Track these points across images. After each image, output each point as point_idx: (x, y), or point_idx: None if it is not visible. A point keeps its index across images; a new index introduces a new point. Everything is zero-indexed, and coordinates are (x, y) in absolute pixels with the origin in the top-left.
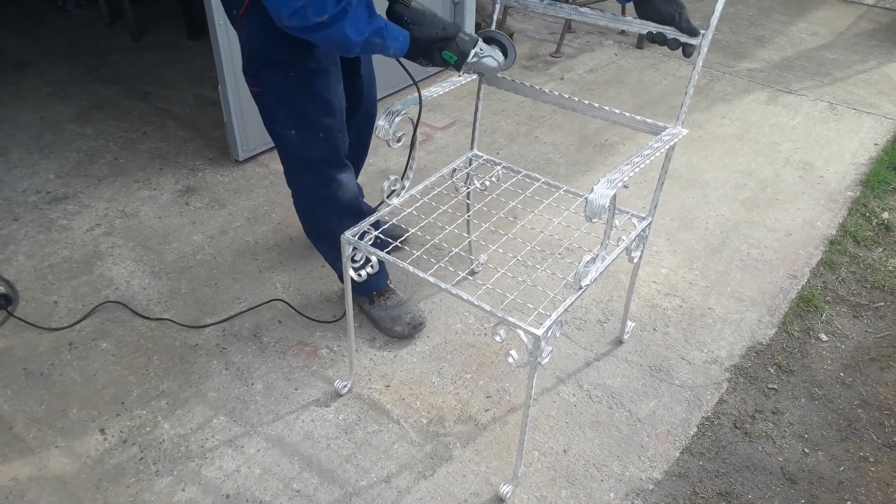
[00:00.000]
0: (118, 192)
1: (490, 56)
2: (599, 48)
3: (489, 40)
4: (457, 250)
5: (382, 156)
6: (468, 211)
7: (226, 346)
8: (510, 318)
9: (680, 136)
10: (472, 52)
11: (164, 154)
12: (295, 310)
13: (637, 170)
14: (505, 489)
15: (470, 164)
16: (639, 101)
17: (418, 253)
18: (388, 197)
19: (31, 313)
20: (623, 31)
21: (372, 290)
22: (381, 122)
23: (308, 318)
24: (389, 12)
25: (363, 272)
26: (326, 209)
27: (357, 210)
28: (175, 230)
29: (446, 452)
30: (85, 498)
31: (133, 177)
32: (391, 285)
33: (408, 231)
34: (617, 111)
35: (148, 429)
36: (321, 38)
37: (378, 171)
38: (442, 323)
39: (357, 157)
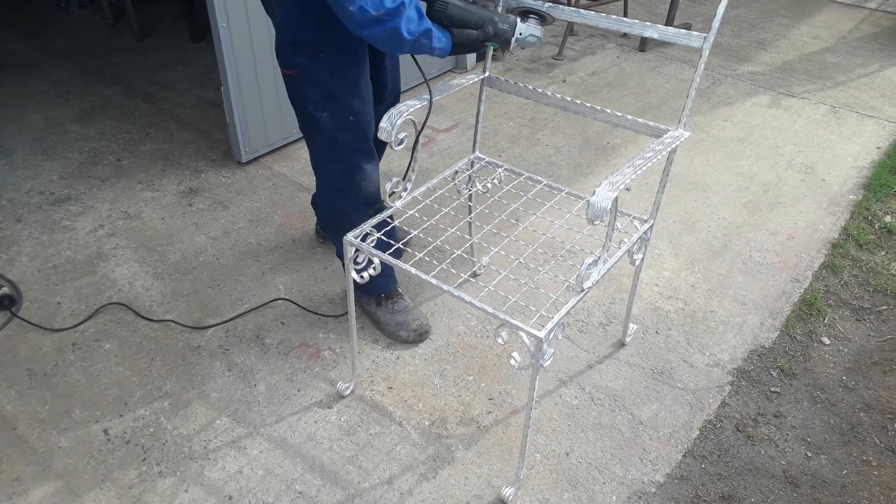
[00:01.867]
0: (121, 193)
1: (531, 34)
2: (601, 51)
3: (524, 14)
4: (459, 252)
5: (385, 157)
6: (470, 213)
7: (228, 348)
8: (512, 321)
9: (682, 139)
10: (513, 38)
11: (167, 155)
12: (298, 306)
13: (639, 172)
14: (507, 491)
15: (472, 167)
16: (641, 104)
17: (420, 255)
18: (389, 198)
19: (34, 314)
20: (625, 34)
21: (380, 293)
22: (383, 123)
23: (312, 312)
24: (429, 12)
25: (365, 274)
26: (347, 198)
27: (377, 202)
28: (178, 231)
29: (448, 454)
30: (88, 498)
31: (136, 178)
32: (400, 290)
33: (410, 234)
34: (619, 114)
35: (151, 430)
36: (376, 33)
37: (381, 173)
38: (444, 325)
39: (378, 150)
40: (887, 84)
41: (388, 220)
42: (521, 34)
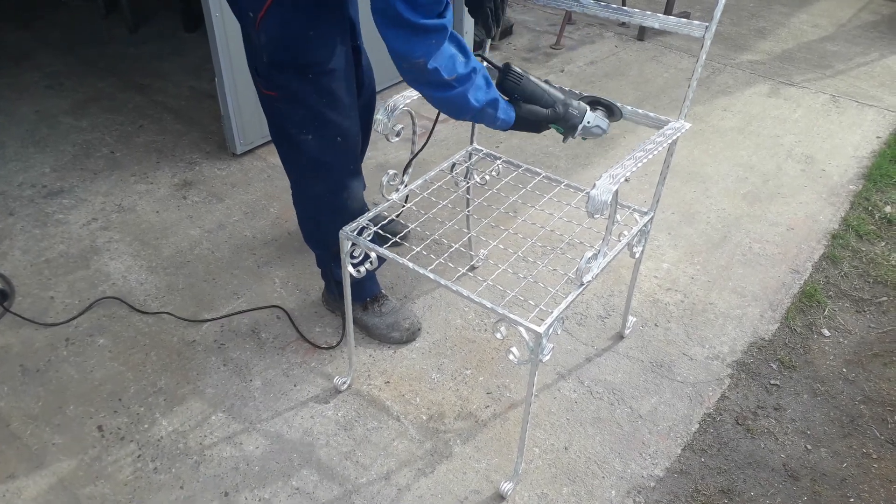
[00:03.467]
0: (115, 185)
1: (597, 125)
2: (600, 40)
3: (593, 104)
4: (457, 246)
5: (382, 149)
6: (468, 206)
7: (224, 343)
8: (511, 316)
9: (683, 131)
10: (580, 126)
11: (161, 147)
12: (294, 325)
13: (639, 165)
14: (506, 486)
15: (470, 159)
16: (639, 94)
17: (418, 249)
18: (386, 192)
19: (27, 309)
20: (624, 23)
21: (365, 297)
22: (379, 115)
23: (306, 339)
24: (500, 82)
25: (362, 268)
26: (333, 218)
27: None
28: (172, 225)
29: (446, 449)
30: (82, 495)
31: (129, 170)
32: (384, 291)
33: (407, 227)
34: (618, 104)
35: (146, 426)
36: (445, 97)
37: (377, 165)
38: (441, 319)
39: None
40: (887, 73)
41: (385, 213)
42: (588, 122)
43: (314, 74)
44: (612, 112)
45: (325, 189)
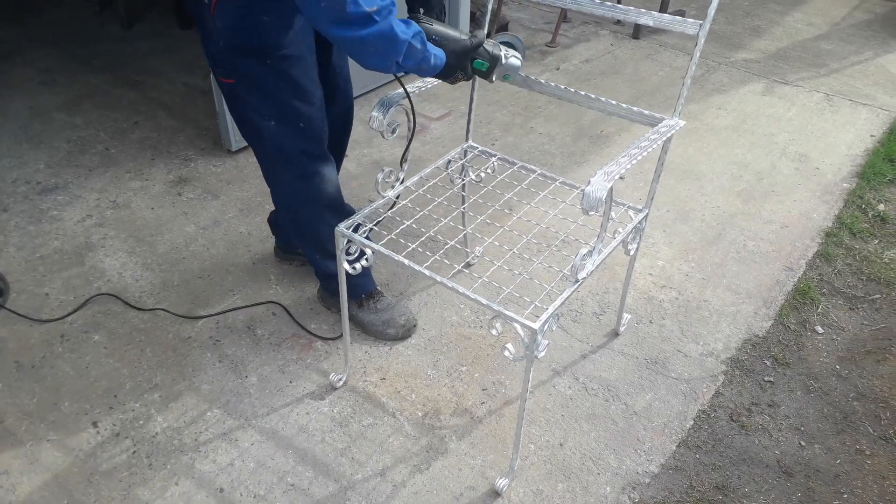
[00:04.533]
0: (109, 182)
1: (514, 56)
2: (595, 38)
3: (501, 45)
4: (452, 243)
5: (377, 146)
6: (463, 203)
7: (219, 339)
8: (507, 312)
9: (677, 129)
10: (501, 54)
11: (156, 144)
12: (293, 318)
13: (634, 162)
14: (501, 482)
15: (465, 156)
16: (635, 92)
17: (413, 245)
18: (382, 189)
19: (22, 305)
20: (619, 21)
21: (360, 294)
22: (374, 112)
23: (307, 330)
24: None
25: (357, 265)
26: (309, 206)
27: (340, 206)
28: (167, 221)
29: (442, 446)
30: (77, 492)
31: (124, 167)
32: (379, 288)
33: (402, 224)
34: (613, 102)
35: (141, 422)
36: (370, 34)
37: (372, 162)
38: (437, 315)
39: (336, 152)
40: (881, 72)
41: (380, 210)
42: (505, 53)
43: (273, 60)
44: (515, 48)
45: (294, 175)
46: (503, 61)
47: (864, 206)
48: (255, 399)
